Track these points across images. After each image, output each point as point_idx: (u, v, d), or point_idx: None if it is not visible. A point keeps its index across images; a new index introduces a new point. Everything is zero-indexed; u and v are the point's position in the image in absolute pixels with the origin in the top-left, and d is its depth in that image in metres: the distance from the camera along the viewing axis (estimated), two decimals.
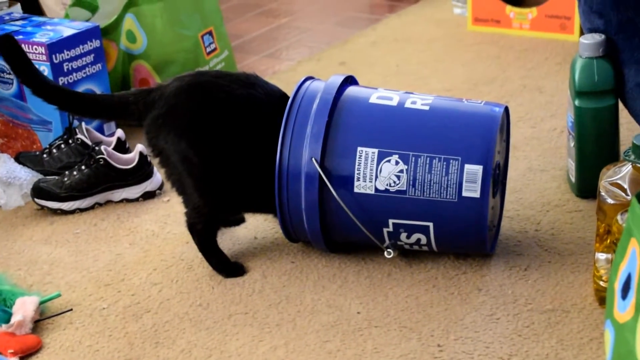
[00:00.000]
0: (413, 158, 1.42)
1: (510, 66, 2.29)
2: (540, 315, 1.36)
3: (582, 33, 1.67)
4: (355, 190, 1.44)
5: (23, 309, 1.42)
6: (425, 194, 1.42)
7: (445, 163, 1.41)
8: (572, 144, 1.65)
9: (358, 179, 1.44)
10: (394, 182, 1.42)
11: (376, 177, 1.43)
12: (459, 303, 1.41)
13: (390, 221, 1.45)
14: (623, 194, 1.32)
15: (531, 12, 2.46)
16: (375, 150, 1.44)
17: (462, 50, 2.43)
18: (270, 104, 1.52)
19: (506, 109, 1.51)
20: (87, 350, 1.38)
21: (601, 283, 1.36)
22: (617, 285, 1.00)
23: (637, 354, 0.92)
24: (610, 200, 1.33)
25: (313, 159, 1.44)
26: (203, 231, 1.54)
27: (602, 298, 1.36)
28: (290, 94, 1.52)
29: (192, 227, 1.54)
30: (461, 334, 1.34)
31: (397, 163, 1.42)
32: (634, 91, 1.58)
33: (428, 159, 1.42)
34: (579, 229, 1.58)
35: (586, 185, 1.64)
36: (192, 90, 1.51)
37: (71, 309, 1.48)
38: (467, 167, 1.41)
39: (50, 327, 1.44)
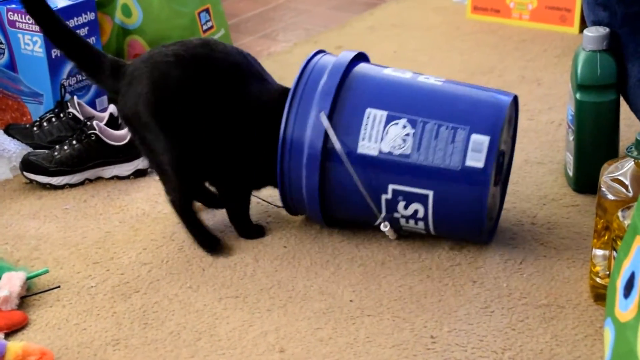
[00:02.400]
0: (421, 123, 1.42)
1: (508, 56, 2.27)
2: (534, 310, 1.35)
3: (582, 26, 1.65)
4: (359, 150, 1.43)
5: (9, 284, 1.39)
6: (428, 159, 1.41)
7: (452, 131, 1.41)
8: (571, 138, 1.64)
9: (363, 139, 1.43)
10: (399, 145, 1.41)
11: (382, 139, 1.42)
12: (453, 294, 1.40)
13: (390, 187, 1.43)
14: (624, 190, 1.31)
15: (531, 3, 2.44)
16: (384, 113, 1.43)
17: (460, 39, 2.41)
18: (233, 71, 1.49)
19: (516, 98, 1.50)
20: (74, 329, 1.36)
21: (597, 279, 1.35)
22: (620, 284, 0.98)
23: (639, 353, 0.91)
24: (610, 197, 1.32)
25: (321, 113, 1.42)
26: (182, 206, 1.54)
27: (598, 295, 1.35)
28: (299, 68, 1.50)
29: (172, 203, 1.55)
30: (455, 326, 1.32)
31: (404, 127, 1.42)
32: (636, 87, 1.57)
33: (436, 125, 1.41)
34: (575, 223, 1.56)
35: (584, 180, 1.63)
36: (148, 63, 1.48)
37: (59, 286, 1.45)
38: (473, 136, 1.40)
39: (37, 304, 1.42)
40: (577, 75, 1.59)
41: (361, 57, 1.55)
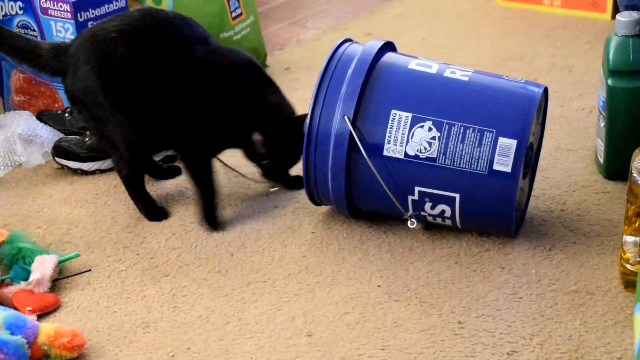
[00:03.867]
0: (447, 126, 1.40)
1: (539, 43, 2.25)
2: (564, 296, 1.34)
3: (614, 12, 1.63)
4: (385, 153, 1.42)
5: (42, 268, 1.41)
6: (455, 163, 1.40)
7: (479, 134, 1.39)
8: (602, 124, 1.62)
9: (388, 142, 1.42)
10: (425, 148, 1.40)
11: (407, 142, 1.41)
12: (481, 280, 1.39)
13: (417, 189, 1.43)
14: None
15: None
16: (409, 115, 1.41)
17: (491, 26, 2.39)
18: (177, 39, 1.51)
19: (545, 90, 1.48)
20: (105, 312, 1.38)
21: (628, 266, 1.33)
22: None
23: None
24: None
25: (345, 116, 1.42)
26: (128, 176, 1.59)
27: (628, 281, 1.33)
28: (326, 57, 1.50)
29: (118, 173, 1.60)
30: (483, 312, 1.32)
31: (430, 129, 1.40)
32: None
33: (462, 128, 1.40)
34: (605, 210, 1.55)
35: (615, 167, 1.61)
36: (94, 42, 1.51)
37: (89, 270, 1.47)
38: (501, 140, 1.38)
39: (69, 287, 1.44)
40: (609, 61, 1.57)
41: (388, 46, 1.54)
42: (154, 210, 1.61)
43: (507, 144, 1.38)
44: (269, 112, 1.55)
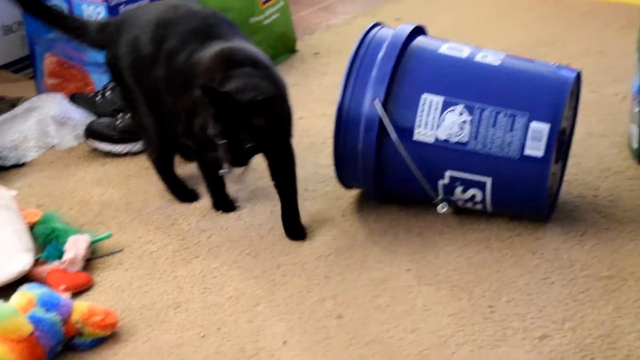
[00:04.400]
0: (478, 110, 1.39)
1: (571, 28, 2.23)
2: (596, 282, 1.33)
3: None
4: (415, 137, 1.42)
5: (75, 247, 1.43)
6: (486, 147, 1.39)
7: (511, 118, 1.38)
8: (636, 110, 1.60)
9: (419, 126, 1.41)
10: (456, 132, 1.39)
11: (438, 126, 1.41)
12: (512, 265, 1.38)
13: (447, 173, 1.42)
14: None
15: None
16: (441, 99, 1.41)
17: (522, 10, 2.37)
18: (193, 33, 1.48)
19: (578, 75, 1.47)
20: (137, 291, 1.39)
21: None
22: None
23: None
24: None
25: (376, 100, 1.41)
26: (158, 159, 1.61)
27: None
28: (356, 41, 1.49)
29: (148, 156, 1.62)
30: (513, 296, 1.31)
31: (461, 113, 1.39)
32: None
33: (494, 112, 1.39)
34: (639, 196, 1.53)
35: None
36: (124, 20, 1.56)
37: (121, 250, 1.49)
38: (533, 124, 1.37)
39: (101, 267, 1.45)
40: None
41: (418, 31, 1.53)
42: (184, 192, 1.62)
43: (540, 129, 1.37)
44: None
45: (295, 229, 1.49)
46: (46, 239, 1.46)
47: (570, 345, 1.21)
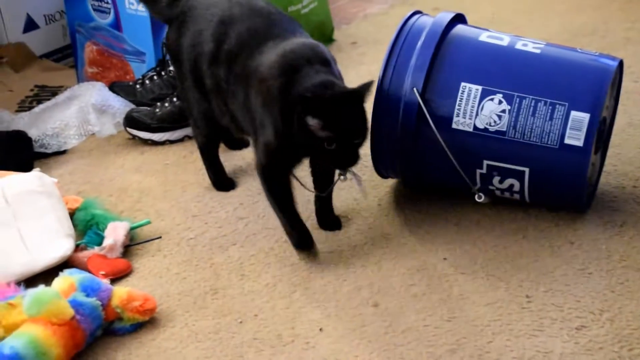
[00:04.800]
0: (517, 99, 1.38)
1: (612, 18, 2.20)
2: (635, 273, 1.32)
3: None
4: (453, 126, 1.41)
5: (114, 234, 1.45)
6: (525, 137, 1.38)
7: (550, 107, 1.37)
8: None
9: (457, 115, 1.41)
10: (495, 121, 1.39)
11: (477, 114, 1.40)
12: (550, 255, 1.38)
13: (485, 162, 1.41)
14: None
15: None
16: (479, 88, 1.40)
17: (561, 1, 2.34)
18: (253, 34, 1.43)
19: (620, 64, 1.45)
20: (175, 278, 1.41)
21: None
22: None
23: None
24: None
25: (414, 88, 1.41)
26: (204, 144, 1.62)
27: None
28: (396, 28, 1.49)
29: (195, 139, 1.63)
30: (551, 286, 1.31)
31: (500, 102, 1.39)
32: None
33: (533, 101, 1.38)
34: None
35: None
36: (190, 5, 1.52)
37: (160, 237, 1.50)
38: (573, 113, 1.36)
39: (140, 253, 1.47)
40: None
41: (458, 19, 1.52)
42: (222, 181, 1.64)
43: (580, 118, 1.36)
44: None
45: (330, 220, 1.49)
46: (86, 225, 1.49)
47: (608, 335, 1.20)
